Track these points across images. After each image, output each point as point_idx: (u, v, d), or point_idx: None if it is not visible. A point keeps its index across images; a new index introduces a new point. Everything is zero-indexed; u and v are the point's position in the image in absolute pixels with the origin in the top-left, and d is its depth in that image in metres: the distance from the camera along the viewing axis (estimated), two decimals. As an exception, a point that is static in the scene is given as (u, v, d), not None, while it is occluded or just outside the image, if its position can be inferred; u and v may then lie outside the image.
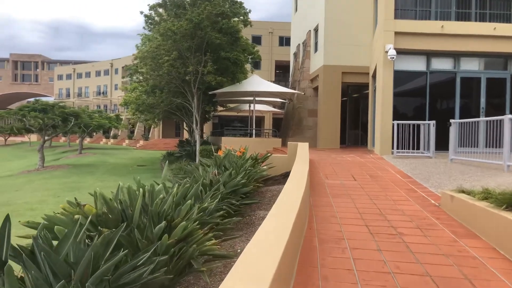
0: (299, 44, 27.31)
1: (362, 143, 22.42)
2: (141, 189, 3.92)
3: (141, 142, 59.04)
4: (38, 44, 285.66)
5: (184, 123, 29.86)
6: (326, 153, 15.33)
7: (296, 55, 27.93)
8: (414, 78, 14.26)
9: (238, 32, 20.61)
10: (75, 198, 4.12)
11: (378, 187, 7.98)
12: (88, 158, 32.47)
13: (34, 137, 64.39)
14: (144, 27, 22.05)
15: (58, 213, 3.77)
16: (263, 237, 3.14)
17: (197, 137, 21.33)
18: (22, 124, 25.16)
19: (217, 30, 20.04)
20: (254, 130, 22.20)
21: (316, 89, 22.78)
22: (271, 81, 35.39)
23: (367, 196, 7.24)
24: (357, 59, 20.33)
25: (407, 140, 12.24)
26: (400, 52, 13.25)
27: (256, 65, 53.79)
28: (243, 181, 6.63)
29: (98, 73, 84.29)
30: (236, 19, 23.03)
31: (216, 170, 6.78)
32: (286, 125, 25.68)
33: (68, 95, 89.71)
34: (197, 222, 3.96)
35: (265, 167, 10.85)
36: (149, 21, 22.28)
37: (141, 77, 22.67)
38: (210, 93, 20.58)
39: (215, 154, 8.40)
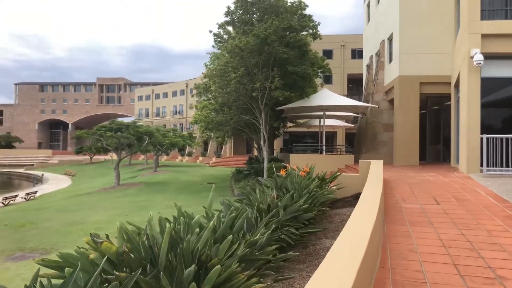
0: (372, 55, 26.02)
1: (444, 159, 20.48)
2: (167, 224, 3.34)
3: (214, 159, 60.08)
4: (121, 67, 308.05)
5: (254, 140, 29.69)
6: (404, 171, 13.99)
7: (369, 67, 26.63)
8: (505, 86, 12.55)
9: (306, 45, 19.98)
10: (91, 235, 3.62)
11: (467, 214, 6.77)
12: (162, 175, 33.37)
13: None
14: (213, 46, 22.28)
15: (83, 248, 3.30)
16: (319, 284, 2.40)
17: (264, 154, 20.84)
18: (100, 143, 26.49)
19: (284, 44, 19.58)
20: (324, 146, 21.20)
21: (391, 101, 21.35)
22: (343, 95, 34.10)
23: (453, 224, 6.11)
24: (437, 68, 18.72)
25: (499, 157, 10.65)
26: (487, 56, 11.72)
27: (328, 79, 52.75)
28: (305, 205, 5.86)
29: (174, 93, 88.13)
30: (305, 32, 22.47)
31: (275, 193, 6.09)
32: (359, 140, 24.36)
33: (147, 115, 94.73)
34: (242, 260, 3.28)
35: (334, 187, 9.98)
36: (218, 39, 22.44)
37: (210, 95, 22.83)
38: (277, 108, 20.05)
39: (276, 173, 7.71)
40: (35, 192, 31.87)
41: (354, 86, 53.94)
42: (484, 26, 11.82)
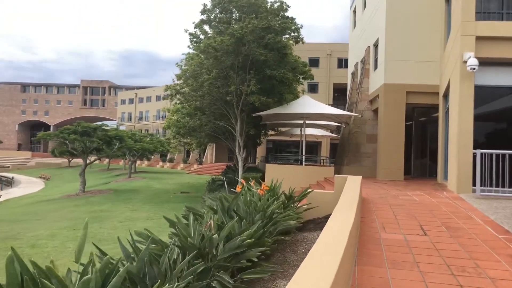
0: (357, 63, 24.81)
1: (430, 174, 19.21)
2: None
3: (195, 166, 58.39)
4: (110, 72, 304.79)
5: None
6: (387, 187, 12.61)
7: (353, 74, 25.40)
8: (501, 96, 11.27)
9: (286, 47, 18.54)
10: None
11: (461, 250, 5.34)
12: (135, 182, 31.63)
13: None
14: (188, 46, 20.70)
15: None
16: None
17: (239, 163, 19.33)
18: (65, 146, 24.71)
19: (262, 46, 18.16)
20: (303, 156, 19.76)
21: (376, 111, 20.08)
22: (329, 105, 32.74)
23: (445, 267, 4.66)
24: (424, 76, 17.51)
25: (494, 176, 9.31)
26: (482, 62, 10.42)
27: (313, 88, 51.61)
28: (249, 240, 4.35)
29: (158, 98, 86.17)
30: (286, 36, 21.14)
31: (212, 221, 4.57)
32: (342, 151, 23.02)
33: (130, 119, 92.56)
34: None
35: (305, 205, 8.55)
36: (194, 39, 20.92)
37: (182, 98, 21.30)
38: (254, 115, 18.59)
39: (223, 195, 6.16)
40: (-2, 197, 29.78)
41: (340, 95, 52.88)
42: (479, 27, 10.54)
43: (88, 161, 26.42)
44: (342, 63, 50.07)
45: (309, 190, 8.80)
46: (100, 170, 60.84)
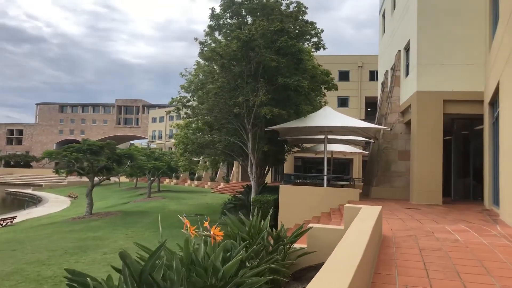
0: (387, 71, 22.31)
1: (474, 197, 16.30)
2: None
3: (222, 185, 56.61)
4: (149, 91, 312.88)
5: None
6: (420, 216, 10.07)
7: (383, 84, 22.88)
8: None
9: (301, 52, 16.32)
10: None
11: None
12: (151, 203, 30.00)
13: (124, 178, 65.20)
14: (198, 56, 18.80)
15: None
16: None
17: (252, 183, 17.16)
18: (71, 166, 23.42)
19: (274, 51, 16.08)
20: (325, 176, 17.35)
21: (408, 124, 17.49)
22: (361, 119, 29.99)
23: None
24: (465, 82, 14.90)
25: None
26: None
27: (344, 102, 48.93)
28: None
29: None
30: (306, 43, 19.01)
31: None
32: (370, 170, 20.41)
33: (160, 137, 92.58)
34: None
35: (303, 245, 6.36)
36: (205, 48, 19.08)
37: (190, 112, 19.43)
38: (266, 129, 16.41)
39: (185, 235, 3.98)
40: (13, 218, 28.83)
41: (372, 110, 49.86)
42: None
43: (97, 180, 25.02)
44: (375, 75, 47.28)
45: (307, 227, 6.50)
46: (128, 188, 60.34)
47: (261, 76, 16.22)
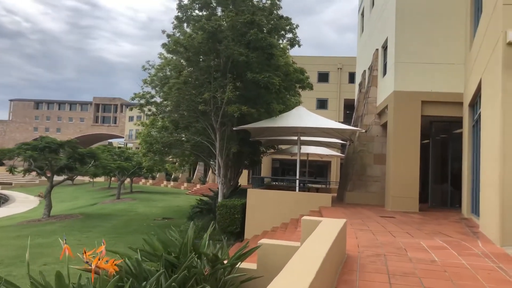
0: (364, 71, 21.47)
1: (452, 203, 15.49)
2: None
3: (198, 186, 55.24)
4: (131, 90, 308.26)
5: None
6: (393, 227, 9.09)
7: (361, 85, 22.03)
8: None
9: (272, 46, 15.21)
10: None
11: None
12: (119, 205, 28.53)
13: (99, 178, 63.14)
14: (161, 46, 17.27)
15: None
16: None
17: (219, 186, 16.01)
18: (27, 164, 21.84)
19: (244, 44, 14.95)
20: (298, 180, 16.33)
21: (385, 126, 16.61)
22: (339, 122, 29.11)
23: None
24: (444, 82, 14.09)
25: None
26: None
27: (323, 104, 48.14)
28: None
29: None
30: (281, 40, 17.97)
31: None
32: (345, 174, 19.51)
33: (137, 136, 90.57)
34: None
35: (253, 265, 5.32)
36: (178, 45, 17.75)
37: (154, 109, 18.13)
38: (234, 128, 15.28)
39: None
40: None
41: (351, 112, 49.24)
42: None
43: (59, 180, 23.45)
44: (354, 77, 46.67)
45: (260, 242, 5.40)
46: (101, 189, 58.43)
47: (229, 72, 15.08)
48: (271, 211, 14.48)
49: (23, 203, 48.58)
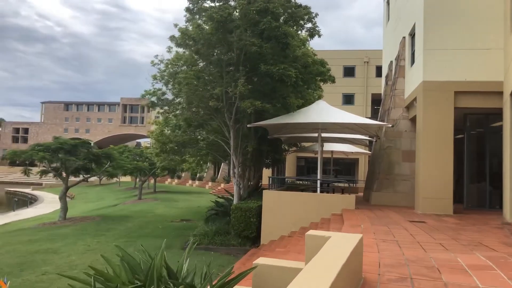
0: (391, 62, 20.03)
1: (491, 205, 13.95)
2: None
3: (222, 185, 54.60)
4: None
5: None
6: (424, 237, 7.85)
7: (387, 77, 20.60)
8: None
9: (287, 35, 14.00)
10: None
11: None
12: (139, 206, 28.04)
13: (128, 178, 63.36)
14: (169, 39, 16.38)
15: None
16: None
17: (234, 187, 15.06)
18: (42, 165, 21.55)
19: (257, 34, 13.87)
20: (319, 181, 15.17)
21: (414, 120, 15.21)
22: (366, 117, 27.48)
23: None
24: (480, 70, 12.62)
25: None
26: None
27: (349, 99, 46.48)
28: None
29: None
30: (300, 31, 16.82)
31: None
32: (371, 173, 18.18)
33: (148, 135, 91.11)
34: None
35: None
36: (186, 37, 16.87)
37: (166, 107, 17.33)
38: (248, 125, 14.25)
39: None
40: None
41: (379, 107, 47.44)
42: None
43: (76, 181, 23.11)
44: (382, 71, 44.85)
45: (255, 263, 4.36)
46: (126, 188, 58.79)
47: (242, 65, 14.06)
48: (289, 215, 13.40)
49: (50, 203, 49.09)
